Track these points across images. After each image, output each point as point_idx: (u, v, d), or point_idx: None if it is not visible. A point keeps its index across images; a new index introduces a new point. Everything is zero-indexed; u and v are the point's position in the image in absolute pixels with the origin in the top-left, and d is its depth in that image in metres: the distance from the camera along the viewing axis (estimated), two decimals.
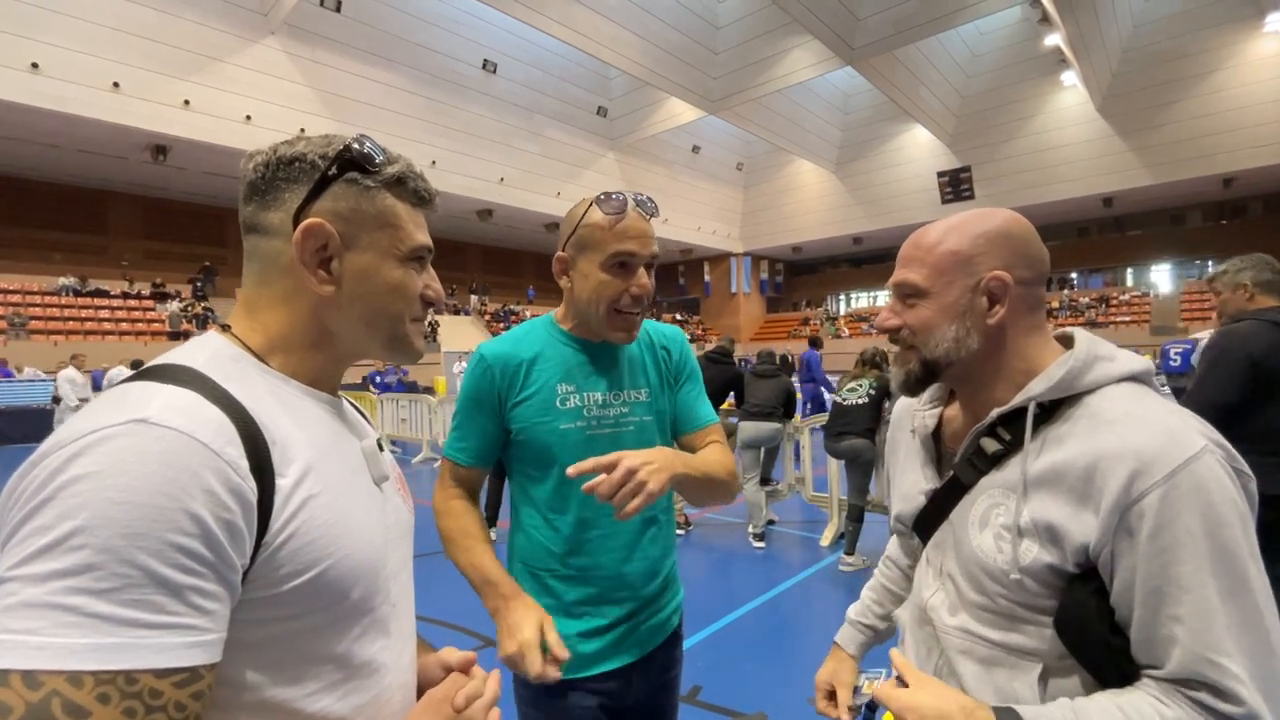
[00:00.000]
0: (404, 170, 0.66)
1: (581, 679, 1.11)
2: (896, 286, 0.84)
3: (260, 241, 0.63)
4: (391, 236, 0.65)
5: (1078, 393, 0.74)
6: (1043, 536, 0.71)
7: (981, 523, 0.77)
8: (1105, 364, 0.75)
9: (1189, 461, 0.64)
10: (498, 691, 0.67)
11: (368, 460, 0.67)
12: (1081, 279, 27.87)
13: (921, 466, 0.90)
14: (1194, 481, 0.64)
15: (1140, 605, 0.66)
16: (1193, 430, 0.67)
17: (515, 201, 21.64)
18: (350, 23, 17.33)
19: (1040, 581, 0.71)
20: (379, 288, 0.65)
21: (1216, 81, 19.64)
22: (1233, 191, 21.77)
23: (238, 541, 0.48)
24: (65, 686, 0.40)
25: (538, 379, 1.12)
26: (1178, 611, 0.64)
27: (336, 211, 0.62)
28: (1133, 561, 0.65)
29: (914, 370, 0.83)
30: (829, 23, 17.07)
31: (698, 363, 1.30)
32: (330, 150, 0.62)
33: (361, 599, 0.59)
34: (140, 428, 0.46)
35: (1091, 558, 0.68)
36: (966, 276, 0.78)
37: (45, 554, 0.42)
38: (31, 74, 12.70)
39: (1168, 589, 0.64)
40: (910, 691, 0.73)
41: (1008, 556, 0.73)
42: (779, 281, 34.94)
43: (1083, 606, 0.69)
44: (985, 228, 0.78)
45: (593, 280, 1.08)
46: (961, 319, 0.78)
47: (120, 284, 18.08)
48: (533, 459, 1.13)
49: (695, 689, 2.70)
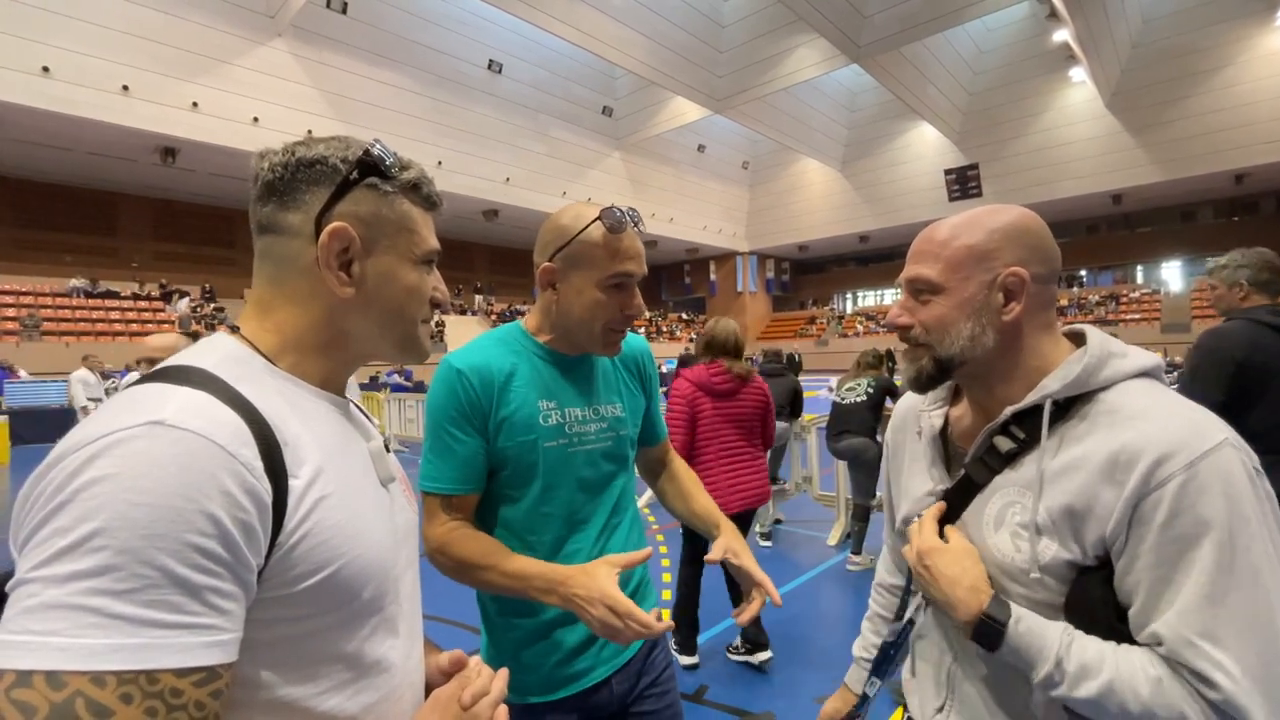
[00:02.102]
0: (419, 176, 0.67)
1: (560, 699, 1.08)
2: (909, 282, 0.82)
3: (277, 242, 0.63)
4: (409, 240, 0.66)
5: (1092, 390, 0.74)
6: (1061, 530, 0.70)
7: (997, 522, 0.77)
8: (1119, 360, 0.74)
9: (1209, 453, 0.64)
10: (504, 689, 0.67)
11: (375, 461, 0.68)
12: (1091, 277, 27.67)
13: (929, 467, 0.88)
14: (1213, 473, 0.63)
15: (1145, 591, 0.66)
16: (1213, 423, 0.67)
17: (521, 201, 21.68)
18: (356, 24, 17.41)
19: (1059, 579, 0.71)
20: (397, 290, 0.66)
21: (1227, 77, 19.45)
22: (1244, 188, 21.56)
23: (253, 542, 0.49)
24: (89, 687, 0.41)
25: (517, 395, 1.05)
26: (1175, 596, 0.64)
27: (358, 215, 0.63)
28: (1142, 548, 0.65)
29: (926, 367, 0.81)
30: (835, 20, 17.01)
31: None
32: (351, 154, 0.63)
33: (372, 599, 0.59)
34: (157, 429, 0.46)
35: (1107, 546, 0.68)
36: (983, 272, 0.76)
37: (65, 555, 0.42)
38: (42, 78, 12.83)
39: (1173, 576, 0.64)
40: (937, 542, 0.78)
41: (1026, 555, 0.72)
42: (785, 280, 34.87)
43: (1091, 595, 0.69)
44: (1000, 223, 0.77)
45: (587, 298, 1.05)
46: (977, 315, 0.77)
47: (131, 285, 18.24)
48: (509, 479, 1.06)
49: (702, 688, 2.70)
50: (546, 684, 1.08)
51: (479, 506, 1.09)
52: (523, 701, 1.08)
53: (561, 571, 0.95)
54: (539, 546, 1.07)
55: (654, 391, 1.29)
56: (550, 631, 1.07)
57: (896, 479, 0.98)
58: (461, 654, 0.72)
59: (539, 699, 1.07)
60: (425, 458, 1.06)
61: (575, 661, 1.08)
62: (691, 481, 1.31)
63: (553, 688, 1.07)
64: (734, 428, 2.81)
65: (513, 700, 1.07)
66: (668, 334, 29.84)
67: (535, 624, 1.07)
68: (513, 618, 1.09)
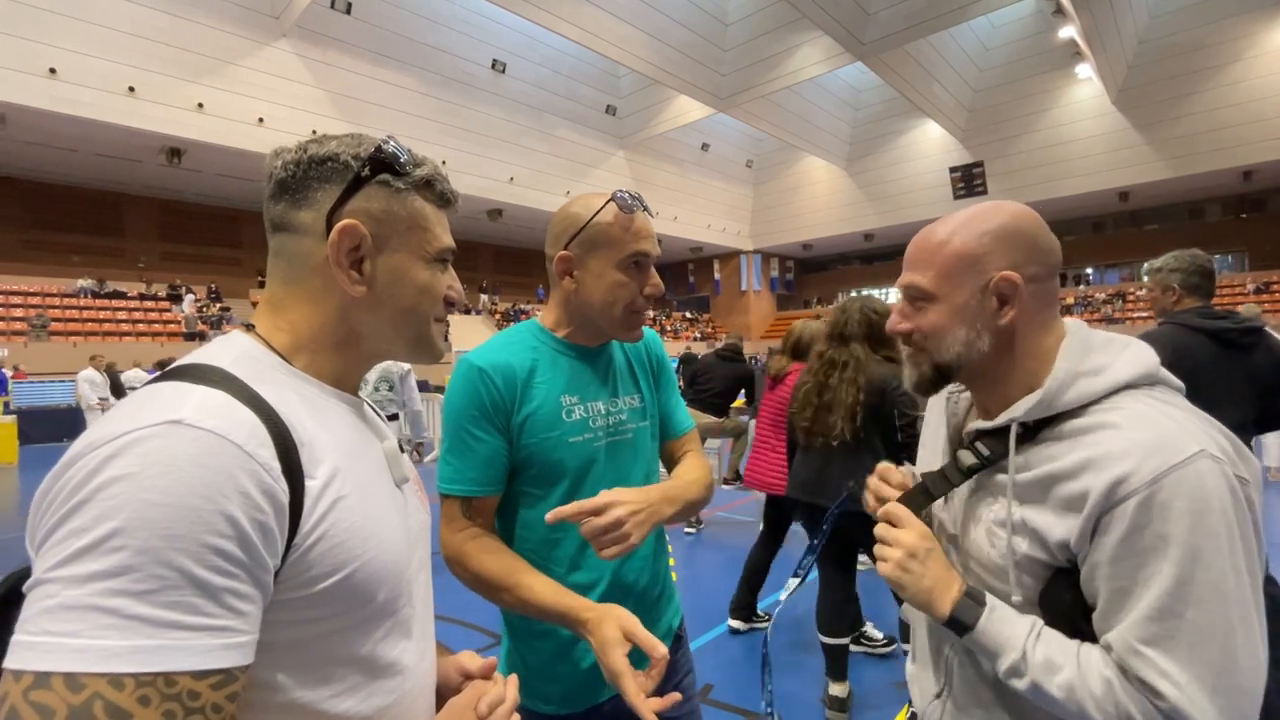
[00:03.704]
0: (432, 173, 0.66)
1: (590, 709, 1.07)
2: (905, 289, 0.83)
3: (289, 240, 0.62)
4: (421, 238, 0.65)
5: (1057, 413, 0.73)
6: (1030, 534, 0.72)
7: (975, 518, 0.80)
8: (1088, 380, 0.73)
9: (1175, 468, 0.64)
10: (516, 697, 0.67)
11: (389, 462, 0.67)
12: (1097, 274, 27.49)
13: (943, 446, 0.91)
14: (1178, 488, 0.63)
15: (1104, 600, 0.67)
16: (1187, 435, 0.66)
17: (525, 201, 21.67)
18: (360, 25, 17.43)
19: (1033, 576, 0.73)
20: (409, 289, 0.65)
21: (1235, 73, 19.28)
22: (1252, 184, 21.36)
23: (270, 543, 0.48)
24: (107, 689, 0.40)
25: (539, 391, 1.04)
26: (1132, 606, 0.65)
27: (370, 212, 0.62)
28: (1102, 559, 0.66)
29: (926, 373, 0.82)
30: (839, 18, 16.92)
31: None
32: (363, 151, 0.62)
33: (387, 601, 0.59)
34: (175, 429, 0.46)
35: (1073, 554, 0.70)
36: (975, 278, 0.76)
37: (84, 555, 0.42)
38: (49, 79, 12.89)
39: (1131, 588, 0.65)
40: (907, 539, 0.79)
41: (1000, 551, 0.75)
42: (789, 279, 34.76)
43: (1062, 595, 0.71)
44: (992, 225, 0.77)
45: (607, 280, 1.04)
46: (971, 321, 0.77)
47: (138, 285, 18.33)
48: (535, 478, 1.04)
49: (707, 687, 2.70)
50: (569, 697, 1.07)
51: (507, 506, 1.07)
52: (544, 712, 1.06)
53: (576, 619, 0.92)
54: (566, 545, 1.06)
55: (668, 381, 1.26)
56: (573, 646, 1.06)
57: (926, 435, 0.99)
58: (494, 661, 0.72)
59: (564, 711, 1.07)
60: (443, 459, 1.04)
61: (598, 675, 1.06)
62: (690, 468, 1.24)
63: (576, 700, 1.07)
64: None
65: (533, 708, 1.07)
66: (671, 333, 29.82)
67: (559, 640, 1.06)
68: (536, 631, 1.07)
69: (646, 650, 0.84)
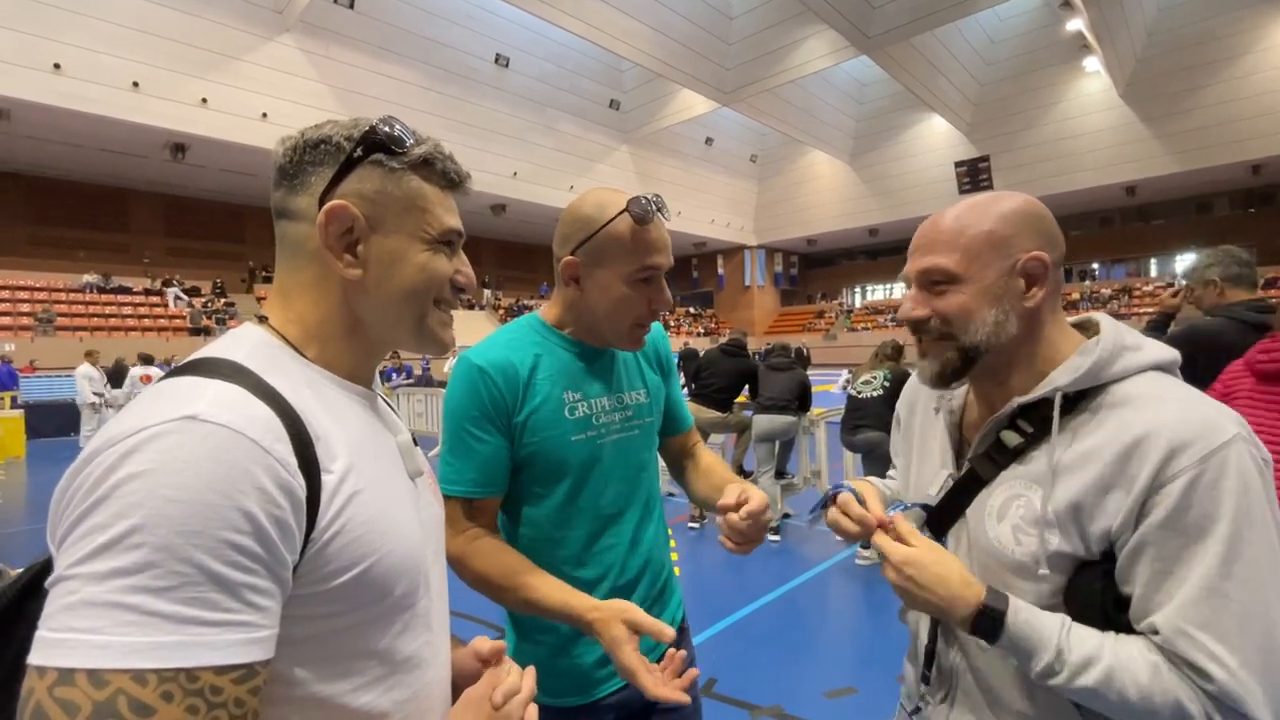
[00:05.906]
0: (431, 151, 0.64)
1: (590, 703, 1.07)
2: (923, 274, 0.79)
3: (289, 226, 0.62)
4: (419, 219, 0.63)
5: (1103, 383, 0.73)
6: (1065, 525, 0.70)
7: (999, 514, 0.76)
8: (1131, 354, 0.73)
9: (1221, 448, 0.63)
10: (533, 687, 0.67)
11: (403, 455, 0.67)
12: (1104, 270, 27.36)
13: (941, 453, 0.88)
14: (1224, 468, 0.63)
15: (1147, 582, 0.66)
16: (1225, 417, 0.66)
17: (528, 196, 21.67)
18: (364, 19, 17.43)
19: (1059, 571, 0.71)
20: (406, 271, 0.63)
21: (1244, 65, 19.12)
22: (1261, 178, 21.22)
23: (288, 538, 0.48)
24: (130, 685, 0.40)
25: (541, 389, 1.01)
26: (1176, 589, 0.64)
27: (362, 193, 0.61)
28: (1147, 541, 0.65)
29: (951, 360, 0.78)
30: (844, 11, 16.83)
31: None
32: (356, 132, 0.61)
33: (404, 594, 0.59)
34: (191, 424, 0.46)
35: (1112, 540, 0.68)
36: (1002, 258, 0.75)
37: (104, 552, 0.42)
38: (54, 75, 12.93)
39: (1175, 569, 0.64)
40: (911, 549, 0.76)
41: (1027, 550, 0.72)
42: (793, 274, 34.69)
43: (1091, 587, 0.70)
44: (1011, 208, 0.76)
45: (614, 294, 1.00)
46: (999, 303, 0.75)
47: (143, 281, 18.41)
48: (538, 476, 1.03)
49: (711, 681, 2.71)
50: (577, 687, 1.07)
51: (509, 505, 1.06)
52: (553, 703, 1.06)
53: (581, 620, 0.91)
54: (570, 543, 1.05)
55: (672, 375, 1.26)
56: (579, 640, 1.05)
57: (906, 450, 0.97)
58: (503, 644, 0.71)
59: (571, 702, 1.07)
60: (444, 459, 1.02)
61: (604, 667, 1.06)
62: (717, 462, 1.26)
63: (582, 691, 1.07)
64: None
65: (542, 701, 1.06)
66: (674, 328, 29.80)
67: (561, 635, 1.06)
68: (539, 626, 1.07)
69: (654, 635, 0.84)
